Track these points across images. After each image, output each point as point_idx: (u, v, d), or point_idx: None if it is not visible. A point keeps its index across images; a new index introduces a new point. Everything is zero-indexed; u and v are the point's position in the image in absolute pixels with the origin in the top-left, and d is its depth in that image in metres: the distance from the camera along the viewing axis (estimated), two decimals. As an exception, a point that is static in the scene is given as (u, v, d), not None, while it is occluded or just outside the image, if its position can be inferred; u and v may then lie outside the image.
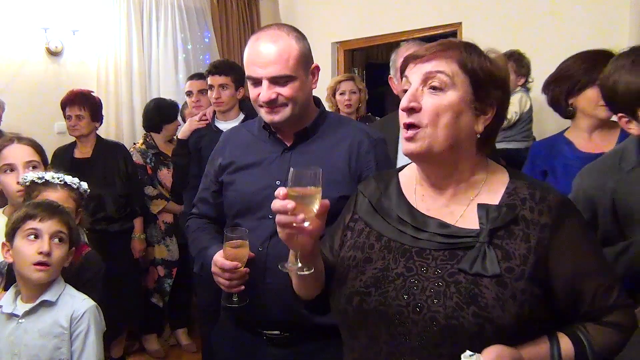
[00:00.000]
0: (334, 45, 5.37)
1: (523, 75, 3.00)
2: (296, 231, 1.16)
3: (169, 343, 4.30)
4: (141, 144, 4.07)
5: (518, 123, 2.92)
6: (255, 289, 1.65)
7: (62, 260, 1.80)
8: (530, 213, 1.17)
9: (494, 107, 1.21)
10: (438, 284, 1.13)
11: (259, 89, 1.67)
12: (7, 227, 1.80)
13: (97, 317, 1.81)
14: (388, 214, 1.28)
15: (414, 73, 1.21)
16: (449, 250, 1.17)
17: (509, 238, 1.15)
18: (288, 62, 1.64)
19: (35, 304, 1.76)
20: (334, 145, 1.72)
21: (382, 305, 1.17)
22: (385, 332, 1.16)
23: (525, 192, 1.20)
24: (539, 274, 1.13)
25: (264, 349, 1.72)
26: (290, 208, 1.12)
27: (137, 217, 3.79)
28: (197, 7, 5.24)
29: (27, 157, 2.15)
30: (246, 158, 1.78)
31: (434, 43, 1.23)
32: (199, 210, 1.93)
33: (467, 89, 1.18)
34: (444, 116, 1.16)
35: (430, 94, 1.18)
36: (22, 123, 4.05)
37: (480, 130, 1.21)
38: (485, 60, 1.21)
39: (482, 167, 1.26)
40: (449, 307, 1.10)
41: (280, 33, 1.68)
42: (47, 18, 4.38)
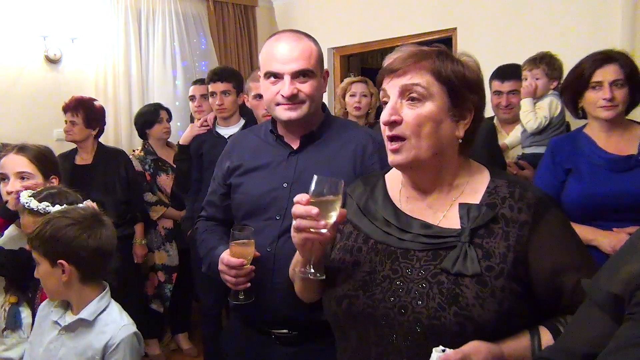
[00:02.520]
0: (330, 50, 5.41)
1: (555, 79, 2.89)
2: (313, 237, 1.19)
3: (170, 347, 4.31)
4: (140, 151, 4.11)
5: (548, 127, 2.83)
6: (264, 288, 1.69)
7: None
8: (509, 211, 1.21)
9: (471, 111, 1.25)
10: (422, 285, 1.17)
11: (278, 86, 1.71)
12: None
13: (134, 346, 1.73)
14: (374, 216, 1.32)
15: (391, 87, 1.24)
16: (432, 250, 1.21)
17: (489, 237, 1.19)
18: (310, 59, 1.71)
19: (73, 320, 1.74)
20: (339, 149, 1.77)
21: (369, 307, 1.21)
22: (373, 333, 1.20)
23: (505, 191, 1.24)
24: (518, 271, 1.16)
25: (273, 348, 1.76)
26: (315, 214, 1.16)
27: (138, 223, 3.81)
28: (194, 14, 5.28)
29: (19, 167, 2.17)
30: (254, 161, 1.82)
31: (407, 54, 1.25)
32: (207, 212, 1.97)
33: (444, 98, 1.22)
34: (425, 126, 1.20)
35: (409, 106, 1.22)
36: (21, 130, 4.09)
37: (461, 135, 1.25)
38: (458, 66, 1.24)
39: (464, 168, 1.30)
40: (431, 308, 1.14)
41: (300, 35, 1.76)
42: (46, 26, 4.41)
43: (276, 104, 1.73)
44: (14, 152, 2.21)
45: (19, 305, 2.08)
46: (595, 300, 0.92)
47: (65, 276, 1.71)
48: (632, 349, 0.77)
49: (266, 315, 1.73)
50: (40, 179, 2.20)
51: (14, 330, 2.05)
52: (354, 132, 1.83)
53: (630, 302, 0.84)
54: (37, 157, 2.22)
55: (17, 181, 2.15)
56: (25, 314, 2.07)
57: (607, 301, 0.89)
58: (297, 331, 1.72)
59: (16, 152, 2.21)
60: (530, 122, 2.79)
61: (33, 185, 2.16)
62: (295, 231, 1.21)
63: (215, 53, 5.34)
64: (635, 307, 0.83)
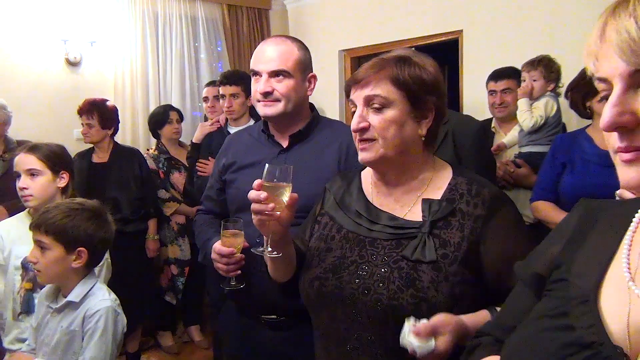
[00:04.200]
0: (341, 52, 5.52)
1: (552, 81, 3.03)
2: (267, 218, 1.33)
3: (183, 339, 4.48)
4: (153, 150, 4.29)
5: (544, 127, 2.97)
6: (254, 277, 1.82)
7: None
8: (466, 206, 1.33)
9: (432, 110, 1.37)
10: (384, 269, 1.30)
11: (258, 84, 1.86)
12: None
13: (109, 319, 1.87)
14: (348, 208, 1.46)
15: (357, 97, 1.38)
16: (396, 239, 1.34)
17: (447, 228, 1.31)
18: (287, 61, 1.85)
19: (62, 304, 1.90)
20: (325, 147, 1.89)
21: (337, 288, 1.34)
22: (341, 311, 1.34)
23: (464, 188, 1.36)
24: (470, 258, 1.28)
25: (263, 332, 1.89)
26: (263, 198, 1.30)
27: (151, 219, 3.99)
28: (209, 18, 5.43)
29: (28, 165, 2.29)
30: (246, 158, 1.95)
31: (369, 65, 1.38)
32: (205, 206, 2.11)
33: (404, 103, 1.34)
34: (389, 129, 1.33)
35: (373, 112, 1.34)
36: (42, 130, 4.27)
37: (424, 133, 1.37)
38: (415, 69, 1.35)
39: (429, 164, 1.42)
40: (391, 290, 1.27)
41: (285, 39, 1.92)
42: (67, 30, 4.60)
43: (257, 100, 1.88)
44: (24, 151, 2.36)
45: (33, 292, 2.23)
46: (524, 280, 1.03)
47: (79, 262, 1.88)
48: (540, 320, 0.88)
49: (256, 301, 1.86)
50: (50, 175, 2.31)
51: (28, 314, 2.20)
52: (339, 131, 1.95)
53: (549, 280, 0.95)
54: (45, 155, 2.33)
55: (28, 178, 2.29)
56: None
57: (532, 280, 0.99)
58: (284, 317, 1.85)
59: (26, 151, 2.34)
60: (526, 121, 2.90)
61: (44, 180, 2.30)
62: (252, 214, 1.35)
63: (229, 55, 5.48)
64: (552, 285, 0.93)
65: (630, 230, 0.85)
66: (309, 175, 1.77)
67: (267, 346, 1.89)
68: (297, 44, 1.90)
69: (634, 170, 0.72)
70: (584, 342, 0.77)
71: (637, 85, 0.69)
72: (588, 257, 0.88)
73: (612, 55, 0.70)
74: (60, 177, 2.34)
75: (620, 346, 0.74)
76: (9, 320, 2.26)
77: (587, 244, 0.91)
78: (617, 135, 0.72)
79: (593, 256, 0.87)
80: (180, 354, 4.28)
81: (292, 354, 1.84)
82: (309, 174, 1.79)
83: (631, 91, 0.70)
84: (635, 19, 0.67)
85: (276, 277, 1.55)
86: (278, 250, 1.40)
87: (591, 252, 0.89)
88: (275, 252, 1.39)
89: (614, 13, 0.71)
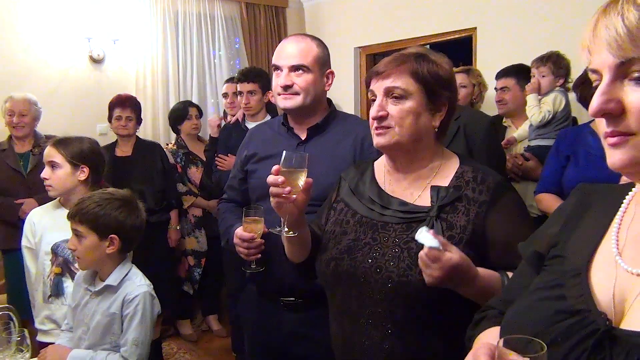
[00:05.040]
0: (356, 50, 5.62)
1: (561, 77, 3.11)
2: (284, 200, 1.44)
3: (201, 328, 4.63)
4: (172, 145, 4.43)
5: (552, 121, 3.05)
6: (272, 261, 1.93)
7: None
8: (472, 192, 1.43)
9: (446, 105, 1.48)
10: (395, 250, 1.41)
11: (279, 78, 1.97)
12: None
13: (147, 303, 2.01)
14: (362, 195, 1.56)
15: (377, 87, 1.48)
16: (406, 223, 1.44)
17: (453, 212, 1.41)
18: (307, 57, 1.96)
19: (100, 287, 2.03)
20: (341, 139, 2.00)
21: (352, 268, 1.45)
22: (355, 289, 1.44)
23: (470, 175, 1.46)
24: (475, 240, 1.38)
25: (281, 314, 2.00)
26: (280, 182, 1.41)
27: (173, 210, 4.15)
28: (227, 16, 5.55)
29: (49, 158, 2.40)
30: (267, 150, 2.06)
31: (390, 58, 1.48)
32: (228, 195, 2.23)
33: (421, 95, 1.44)
34: (407, 119, 1.43)
35: (393, 102, 1.45)
36: (67, 125, 4.40)
37: (437, 125, 1.48)
38: (433, 66, 1.46)
39: (438, 154, 1.52)
40: (401, 268, 1.37)
41: (305, 37, 2.04)
42: (90, 29, 4.75)
43: (278, 93, 1.99)
44: (50, 144, 2.47)
45: (62, 276, 2.37)
46: (526, 258, 1.12)
47: (112, 248, 2.00)
48: (537, 292, 0.97)
49: (275, 284, 1.97)
50: (69, 168, 2.39)
51: (57, 297, 2.35)
52: (354, 125, 2.05)
53: (547, 257, 1.04)
54: (66, 149, 2.41)
55: (49, 169, 2.41)
56: (67, 283, 2.35)
57: (532, 258, 1.08)
58: (302, 299, 1.96)
59: (51, 144, 2.46)
60: (535, 115, 2.99)
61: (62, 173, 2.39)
62: (271, 196, 1.46)
63: (245, 53, 5.61)
64: (549, 261, 1.02)
65: (620, 211, 0.94)
66: (326, 166, 1.88)
67: (285, 327, 1.99)
68: (316, 41, 2.01)
69: (619, 152, 0.80)
70: (573, 310, 0.86)
71: (623, 76, 0.78)
72: (582, 236, 0.97)
73: (602, 49, 0.79)
74: (80, 171, 2.42)
75: (604, 312, 0.83)
76: (39, 302, 2.40)
77: (582, 224, 1.00)
78: (604, 121, 0.81)
79: (586, 235, 0.97)
80: (198, 342, 4.42)
81: (309, 334, 1.94)
82: (326, 164, 1.89)
83: (618, 82, 0.79)
84: (622, 18, 0.77)
85: (292, 258, 1.66)
86: (294, 230, 1.51)
87: (585, 231, 0.98)
88: (291, 232, 1.51)
89: (604, 11, 0.80)
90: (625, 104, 0.78)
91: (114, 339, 1.99)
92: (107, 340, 1.99)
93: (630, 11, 0.76)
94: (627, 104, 0.78)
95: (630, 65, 0.76)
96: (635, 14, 0.76)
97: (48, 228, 2.41)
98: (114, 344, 1.99)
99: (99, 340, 1.99)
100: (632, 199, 0.93)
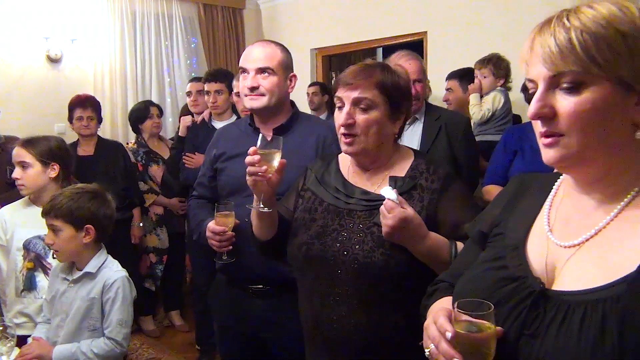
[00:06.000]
0: (313, 51, 5.79)
1: (501, 77, 3.35)
2: (260, 178, 1.59)
3: (164, 324, 4.69)
4: (133, 144, 4.49)
5: (492, 119, 3.30)
6: (242, 251, 2.07)
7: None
8: (425, 182, 1.62)
9: (404, 113, 1.66)
10: (359, 234, 1.58)
11: (246, 80, 2.11)
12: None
13: (126, 287, 2.15)
14: (328, 184, 1.73)
15: (345, 97, 1.60)
16: (368, 210, 1.61)
17: (409, 200, 1.58)
18: (272, 61, 2.11)
19: (81, 274, 2.15)
20: (305, 139, 2.15)
21: (321, 251, 1.61)
22: (324, 270, 1.60)
23: (423, 167, 1.65)
24: (428, 224, 1.55)
25: (251, 301, 2.14)
26: (257, 160, 1.56)
27: (136, 208, 4.22)
28: (185, 17, 5.64)
29: (19, 158, 2.48)
30: (235, 149, 2.19)
31: (358, 70, 1.62)
32: (198, 192, 2.36)
33: (386, 107, 1.60)
34: (372, 128, 1.59)
35: (360, 112, 1.60)
36: (24, 124, 4.40)
37: (397, 131, 1.66)
38: (395, 76, 1.62)
39: (396, 151, 1.71)
40: (365, 250, 1.55)
41: (270, 43, 2.19)
42: (48, 28, 4.77)
43: (245, 94, 2.14)
44: (18, 145, 2.54)
45: (35, 271, 2.44)
46: (472, 237, 1.30)
47: (89, 238, 2.12)
48: (483, 264, 1.14)
49: (244, 273, 2.11)
50: (39, 167, 2.48)
51: (30, 291, 2.43)
52: (316, 125, 2.22)
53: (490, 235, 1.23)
54: (35, 148, 2.49)
55: (20, 169, 2.48)
56: (40, 277, 2.43)
57: (478, 237, 1.25)
58: (269, 286, 2.11)
59: (19, 145, 2.53)
60: (475, 114, 3.26)
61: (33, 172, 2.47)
62: (247, 175, 1.60)
63: (204, 52, 5.70)
64: (492, 238, 1.19)
65: (550, 195, 1.12)
66: (291, 164, 2.01)
67: (254, 313, 2.13)
68: (281, 47, 2.17)
69: (552, 151, 0.98)
70: (514, 276, 1.04)
71: (555, 86, 0.95)
72: (519, 216, 1.15)
73: (537, 63, 0.96)
74: (50, 169, 2.50)
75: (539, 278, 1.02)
76: (12, 297, 2.47)
77: (519, 206, 1.18)
78: (540, 123, 0.98)
79: (523, 215, 1.15)
80: (161, 337, 4.48)
81: (277, 319, 2.09)
82: (291, 162, 2.01)
83: (550, 90, 0.96)
84: (554, 37, 0.93)
85: (260, 236, 1.79)
86: (268, 206, 1.66)
87: (522, 212, 1.16)
88: (266, 208, 1.65)
89: (540, 31, 0.97)
90: (557, 109, 0.94)
91: (93, 323, 2.11)
92: (86, 324, 2.11)
93: (560, 32, 0.92)
94: (558, 109, 0.94)
95: (561, 77, 0.93)
96: (564, 35, 0.92)
97: (19, 225, 2.48)
98: (91, 327, 2.11)
99: (77, 325, 2.11)
100: (560, 184, 1.12)
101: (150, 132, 4.47)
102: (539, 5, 3.91)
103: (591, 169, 0.98)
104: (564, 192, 1.10)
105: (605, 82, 0.90)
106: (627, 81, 0.90)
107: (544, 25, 0.96)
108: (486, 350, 0.94)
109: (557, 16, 0.95)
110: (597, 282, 0.91)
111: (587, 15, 0.92)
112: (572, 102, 0.92)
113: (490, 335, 0.94)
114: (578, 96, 0.92)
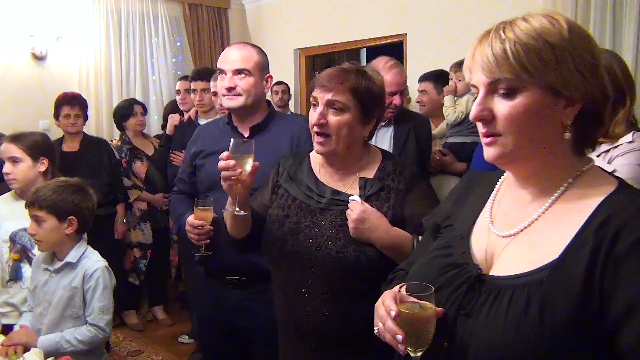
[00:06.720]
0: (296, 51, 5.88)
1: None
2: (234, 182, 1.63)
3: (147, 318, 4.77)
4: (117, 141, 4.57)
5: (465, 121, 3.37)
6: (220, 245, 2.16)
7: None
8: (392, 182, 1.72)
9: (375, 117, 1.75)
10: (332, 231, 1.68)
11: (223, 80, 2.21)
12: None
13: (106, 276, 2.24)
14: (300, 182, 1.81)
15: (320, 97, 1.68)
16: (339, 209, 1.70)
17: (377, 200, 1.69)
18: (249, 62, 2.21)
19: (62, 264, 2.23)
20: (280, 137, 2.25)
21: (295, 247, 1.70)
22: (298, 264, 1.70)
23: (391, 168, 1.75)
24: (396, 222, 1.67)
25: (227, 291, 2.24)
26: (232, 165, 1.61)
27: (120, 203, 4.30)
28: (171, 16, 5.70)
29: (9, 153, 2.57)
30: (213, 146, 2.28)
31: (333, 73, 1.70)
32: (178, 187, 2.45)
33: (357, 110, 1.69)
34: (343, 130, 1.68)
35: (333, 114, 1.68)
36: (9, 121, 4.40)
37: (367, 135, 1.75)
38: (369, 82, 1.70)
39: (366, 153, 1.80)
40: (338, 246, 1.65)
41: (246, 45, 2.30)
42: (33, 25, 4.80)
43: (222, 94, 2.23)
44: (7, 140, 2.63)
45: (21, 262, 2.53)
46: (427, 229, 1.41)
47: (71, 229, 2.21)
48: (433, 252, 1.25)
49: (221, 265, 2.21)
50: (30, 161, 2.58)
51: (16, 281, 2.52)
52: (291, 123, 2.32)
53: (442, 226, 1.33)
54: (25, 144, 2.59)
55: (10, 164, 2.57)
56: (26, 268, 2.51)
57: (432, 228, 1.36)
58: (245, 277, 2.21)
59: (8, 140, 2.61)
60: (449, 115, 3.36)
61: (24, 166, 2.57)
62: (222, 180, 1.65)
63: (189, 51, 5.78)
64: (443, 229, 1.30)
65: (494, 191, 1.24)
66: (267, 161, 2.10)
67: (231, 303, 2.23)
68: (257, 49, 2.27)
69: (492, 149, 1.08)
70: (457, 263, 1.15)
71: (493, 91, 1.05)
72: (467, 210, 1.27)
73: (478, 70, 1.06)
74: (40, 163, 2.60)
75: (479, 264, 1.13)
76: (-2, 287, 2.55)
77: (467, 200, 1.29)
78: (481, 124, 1.09)
79: (470, 209, 1.26)
80: (144, 331, 4.56)
81: (253, 308, 2.20)
82: (267, 159, 2.11)
83: (489, 95, 1.06)
84: (491, 48, 1.04)
85: (234, 234, 1.85)
86: (244, 209, 1.72)
87: (469, 206, 1.27)
88: (242, 212, 1.71)
89: (480, 41, 1.08)
90: (495, 112, 1.05)
91: (75, 311, 2.20)
92: (68, 313, 2.20)
93: (496, 43, 1.03)
94: (496, 113, 1.05)
95: (498, 83, 1.03)
96: (500, 46, 1.02)
97: (5, 218, 2.57)
98: (74, 316, 2.20)
99: (60, 313, 2.20)
100: (503, 181, 1.23)
101: (134, 129, 4.54)
102: (518, 10, 4.02)
103: (526, 166, 1.09)
104: (506, 188, 1.21)
105: (536, 88, 1.01)
106: (555, 87, 1.00)
107: (484, 36, 1.07)
108: (427, 328, 1.04)
109: (495, 28, 1.06)
110: (526, 268, 1.02)
111: (521, 28, 1.03)
112: (507, 106, 1.03)
113: (430, 314, 1.04)
114: (513, 101, 1.02)
